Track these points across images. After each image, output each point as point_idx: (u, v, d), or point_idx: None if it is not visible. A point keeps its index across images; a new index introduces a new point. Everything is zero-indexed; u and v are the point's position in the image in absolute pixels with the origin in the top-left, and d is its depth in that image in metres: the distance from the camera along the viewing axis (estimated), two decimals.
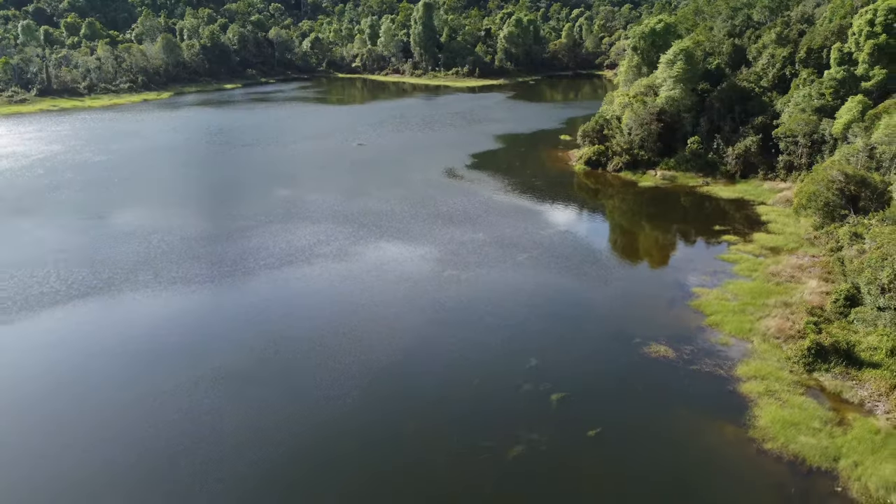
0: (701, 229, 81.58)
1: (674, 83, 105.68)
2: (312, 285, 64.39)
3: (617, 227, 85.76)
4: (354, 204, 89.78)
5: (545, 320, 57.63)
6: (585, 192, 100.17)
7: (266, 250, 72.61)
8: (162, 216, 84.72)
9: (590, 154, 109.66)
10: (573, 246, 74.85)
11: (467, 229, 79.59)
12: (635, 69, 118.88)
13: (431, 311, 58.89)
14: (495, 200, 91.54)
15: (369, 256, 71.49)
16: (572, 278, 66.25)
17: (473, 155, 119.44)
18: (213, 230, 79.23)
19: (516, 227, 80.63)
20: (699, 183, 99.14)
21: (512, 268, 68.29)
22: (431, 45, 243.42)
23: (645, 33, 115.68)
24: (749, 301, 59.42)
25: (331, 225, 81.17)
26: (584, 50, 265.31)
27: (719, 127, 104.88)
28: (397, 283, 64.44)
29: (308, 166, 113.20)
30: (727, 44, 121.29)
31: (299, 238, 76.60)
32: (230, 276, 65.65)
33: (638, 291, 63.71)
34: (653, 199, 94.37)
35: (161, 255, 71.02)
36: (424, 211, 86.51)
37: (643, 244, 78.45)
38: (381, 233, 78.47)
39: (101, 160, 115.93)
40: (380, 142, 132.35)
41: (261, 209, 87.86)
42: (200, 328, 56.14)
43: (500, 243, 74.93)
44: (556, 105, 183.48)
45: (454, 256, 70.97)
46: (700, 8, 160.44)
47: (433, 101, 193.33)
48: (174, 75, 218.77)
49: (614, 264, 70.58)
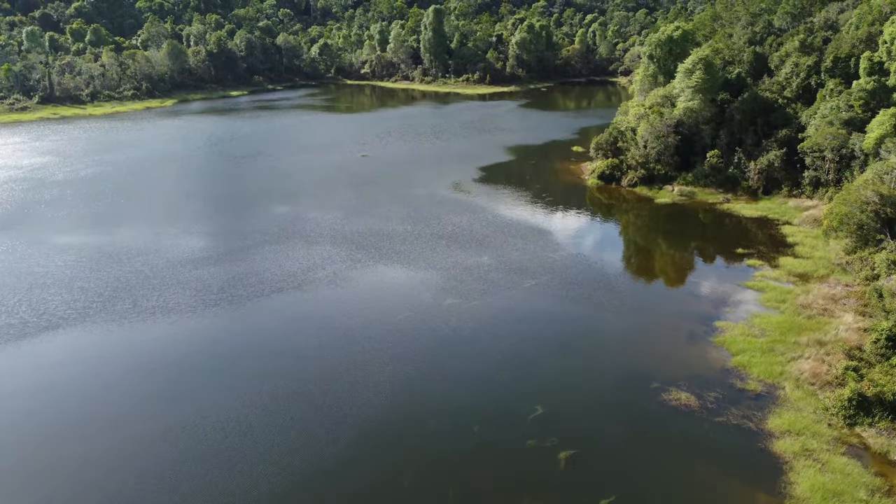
0: (722, 252, 76.27)
1: (692, 93, 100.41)
2: (302, 317, 59.61)
3: (632, 248, 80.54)
4: (354, 222, 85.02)
5: (553, 357, 52.58)
6: (598, 208, 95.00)
7: (256, 275, 67.91)
8: (150, 236, 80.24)
9: (603, 168, 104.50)
10: (585, 270, 69.75)
11: (472, 252, 74.63)
12: (651, 78, 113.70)
13: (430, 347, 53.97)
14: (503, 218, 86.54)
15: (366, 283, 66.65)
16: (583, 308, 61.16)
17: (482, 168, 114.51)
18: (202, 252, 74.65)
19: (524, 249, 75.61)
20: (719, 199, 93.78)
21: (519, 296, 63.27)
22: (441, 51, 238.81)
23: (661, 41, 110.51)
24: (778, 338, 54.12)
25: (328, 246, 76.41)
26: (597, 56, 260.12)
27: (740, 140, 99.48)
28: (394, 313, 59.56)
29: (309, 180, 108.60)
30: (748, 52, 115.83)
31: (293, 261, 71.88)
32: (214, 306, 60.92)
33: (655, 323, 58.52)
34: (670, 217, 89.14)
35: (143, 280, 66.44)
36: (428, 230, 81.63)
37: (660, 268, 73.19)
38: (380, 255, 73.64)
39: (92, 173, 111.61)
40: (385, 153, 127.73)
41: (256, 227, 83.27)
42: (174, 367, 51.38)
43: (506, 268, 69.95)
44: (569, 114, 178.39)
45: (457, 283, 66.02)
46: (718, 14, 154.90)
47: (442, 109, 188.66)
48: (179, 82, 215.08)
49: (629, 291, 65.40)
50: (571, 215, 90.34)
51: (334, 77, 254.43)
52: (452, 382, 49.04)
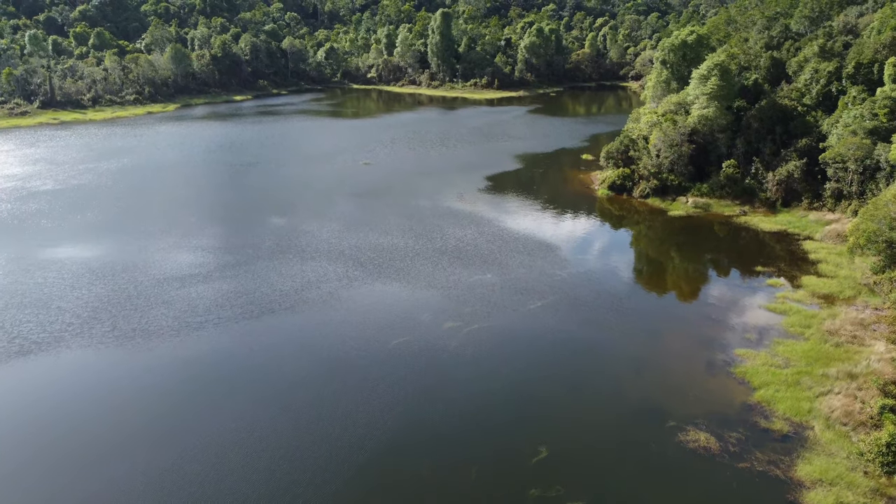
0: (741, 269, 72.04)
1: (707, 100, 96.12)
2: (291, 342, 55.74)
3: (644, 265, 76.34)
4: (353, 236, 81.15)
5: (559, 389, 48.59)
6: (608, 221, 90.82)
7: (246, 295, 64.11)
8: (137, 250, 76.52)
9: (614, 178, 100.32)
10: (593, 290, 65.67)
11: (475, 268, 70.66)
12: (664, 84, 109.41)
13: (427, 377, 50.05)
14: (509, 232, 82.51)
15: (361, 303, 62.73)
16: (592, 332, 57.10)
17: (488, 177, 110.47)
18: (191, 268, 70.90)
19: (530, 265, 71.58)
20: (736, 212, 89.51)
21: (523, 319, 59.26)
22: (449, 55, 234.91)
23: (675, 46, 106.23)
24: (804, 369, 49.90)
25: (324, 262, 72.55)
26: (607, 60, 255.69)
27: (758, 149, 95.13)
28: (390, 337, 55.65)
29: (308, 189, 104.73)
30: (765, 57, 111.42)
31: (286, 279, 68.06)
32: (198, 329, 57.13)
33: (670, 351, 54.37)
34: (684, 231, 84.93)
35: (126, 300, 62.70)
36: (430, 245, 77.68)
37: (674, 288, 68.94)
38: (379, 273, 69.74)
39: (83, 182, 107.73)
40: (388, 161, 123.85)
41: (249, 241, 79.48)
42: (150, 403, 47.56)
43: (511, 286, 65.94)
44: (579, 120, 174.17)
45: (458, 304, 62.05)
46: (732, 17, 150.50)
47: (449, 114, 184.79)
48: (183, 86, 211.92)
49: (641, 313, 61.26)
50: (580, 229, 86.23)
51: (340, 81, 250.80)
52: (450, 418, 45.09)
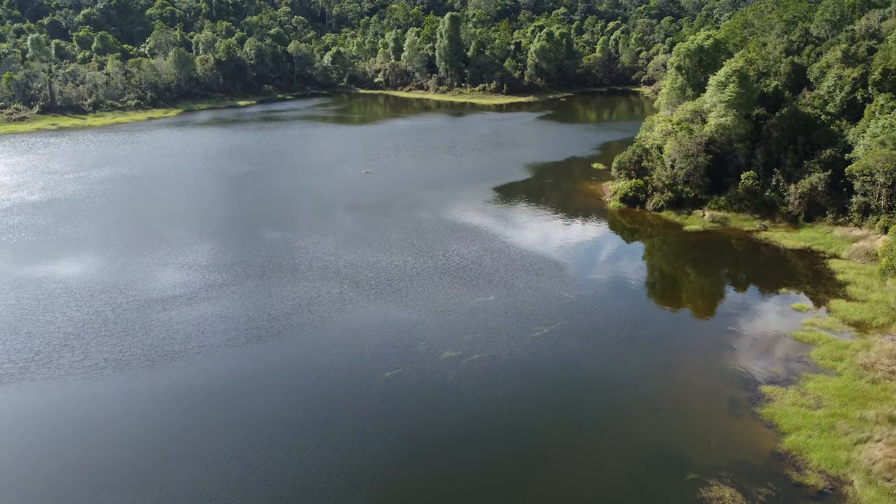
0: (763, 291, 67.21)
1: (725, 108, 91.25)
2: (276, 374, 51.31)
3: (658, 286, 71.50)
4: (350, 253, 76.66)
5: (566, 431, 44.06)
6: (620, 236, 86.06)
7: (232, 319, 59.75)
8: (120, 268, 72.20)
9: (626, 189, 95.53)
10: (604, 315, 61.00)
11: (478, 289, 66.09)
12: (679, 91, 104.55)
13: (421, 416, 45.63)
14: (515, 249, 77.87)
15: (354, 330, 58.28)
16: (603, 364, 52.46)
17: (495, 188, 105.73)
18: (175, 288, 66.58)
19: (537, 286, 66.95)
20: (755, 227, 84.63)
21: (528, 348, 54.65)
22: (457, 59, 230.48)
23: (691, 51, 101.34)
24: (839, 410, 45.08)
25: (317, 283, 68.12)
26: (619, 65, 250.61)
27: (778, 160, 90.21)
28: (383, 368, 51.20)
29: (306, 201, 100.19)
30: (785, 62, 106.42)
31: (276, 301, 63.67)
32: (176, 360, 52.78)
33: (689, 387, 49.64)
34: (701, 248, 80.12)
35: (102, 325, 58.41)
36: (431, 263, 73.13)
37: (692, 313, 64.03)
38: (375, 294, 65.25)
39: (72, 192, 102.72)
40: (392, 170, 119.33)
41: (240, 258, 75.11)
42: (117, 447, 43.22)
43: (515, 310, 61.36)
44: (589, 127, 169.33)
45: (458, 330, 57.51)
46: (749, 21, 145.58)
47: (456, 121, 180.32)
48: (186, 91, 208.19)
49: (656, 342, 56.56)
50: (590, 245, 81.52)
51: (347, 86, 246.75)
52: (445, 463, 40.65)
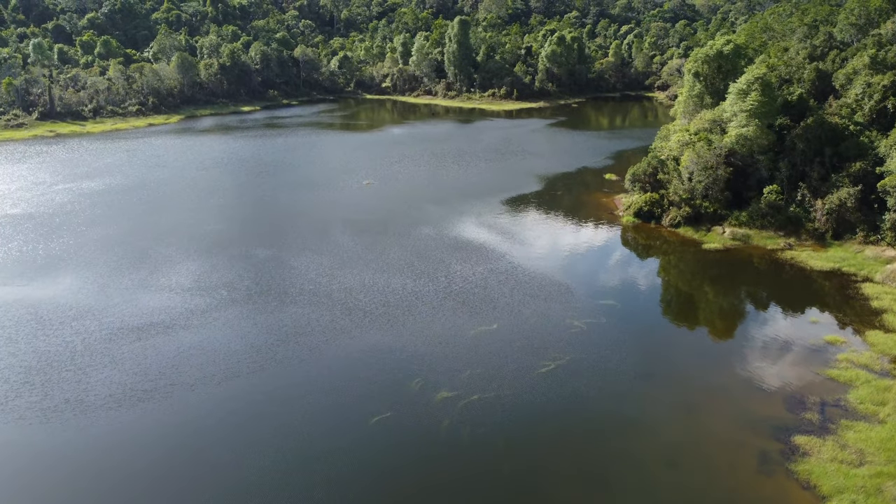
0: (791, 320, 61.74)
1: (747, 118, 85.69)
2: (253, 418, 46.25)
3: (675, 313, 66.10)
4: (345, 274, 71.56)
5: (574, 492, 38.75)
6: (634, 255, 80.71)
7: (211, 351, 54.81)
8: (96, 291, 67.20)
9: (641, 203, 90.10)
10: (616, 347, 55.71)
11: (480, 317, 60.92)
12: (696, 99, 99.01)
13: (411, 470, 40.51)
14: (522, 270, 72.56)
15: (344, 364, 53.27)
16: (615, 407, 47.22)
17: (504, 202, 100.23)
18: (153, 314, 61.67)
19: (545, 313, 61.72)
20: (780, 245, 79.10)
21: (532, 387, 49.43)
22: (466, 64, 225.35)
23: (709, 56, 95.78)
24: (885, 469, 39.64)
25: (306, 308, 63.07)
26: (632, 69, 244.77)
27: (804, 173, 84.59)
28: (371, 411, 46.16)
29: (302, 215, 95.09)
30: (809, 69, 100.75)
31: (260, 330, 58.71)
32: (145, 400, 47.83)
33: (712, 435, 44.27)
34: (721, 269, 74.69)
35: (68, 358, 53.56)
36: (431, 287, 67.92)
37: (713, 345, 58.54)
38: (368, 323, 60.16)
39: (58, 204, 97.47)
40: (395, 181, 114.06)
41: (226, 279, 70.11)
42: (66, 496, 38.32)
43: (520, 341, 56.18)
44: (601, 134, 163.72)
45: (456, 365, 52.36)
46: (769, 25, 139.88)
47: (464, 128, 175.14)
48: (189, 97, 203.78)
49: (674, 380, 51.27)
50: (602, 265, 76.19)
51: (354, 91, 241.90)
52: None
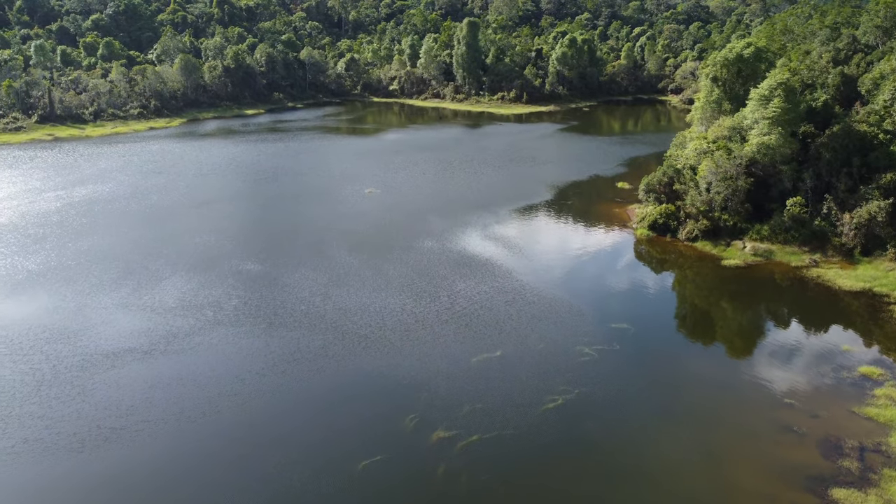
0: (821, 348, 56.77)
1: (769, 126, 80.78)
2: (226, 465, 41.76)
3: (693, 339, 61.19)
4: (340, 293, 67.01)
5: None
6: (648, 272, 75.90)
7: (190, 382, 50.43)
8: (74, 310, 62.81)
9: (655, 216, 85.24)
10: (630, 378, 51.05)
11: (484, 342, 56.33)
12: (715, 105, 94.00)
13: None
14: (530, 290, 67.74)
15: (331, 399, 48.87)
16: (629, 451, 42.61)
17: (512, 212, 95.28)
18: (131, 338, 57.35)
19: (553, 338, 57.07)
20: (805, 262, 74.12)
21: (538, 426, 44.81)
22: (475, 66, 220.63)
23: (728, 60, 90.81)
24: None
25: (297, 332, 58.57)
26: (645, 72, 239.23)
27: (830, 185, 79.60)
28: (359, 454, 41.65)
29: (299, 226, 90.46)
30: (833, 73, 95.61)
31: (245, 357, 54.31)
32: (112, 440, 43.42)
33: (737, 489, 39.48)
34: (742, 287, 69.86)
35: (34, 389, 49.20)
36: (433, 308, 63.24)
37: (737, 378, 53.43)
38: (363, 349, 55.63)
39: (43, 213, 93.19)
40: (399, 190, 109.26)
41: (212, 298, 65.59)
42: None
43: (525, 371, 51.60)
44: (613, 139, 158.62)
45: (455, 400, 47.81)
46: (789, 27, 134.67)
47: (472, 133, 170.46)
48: (193, 99, 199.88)
49: (694, 420, 46.49)
50: (614, 283, 71.35)
51: (360, 94, 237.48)
52: None
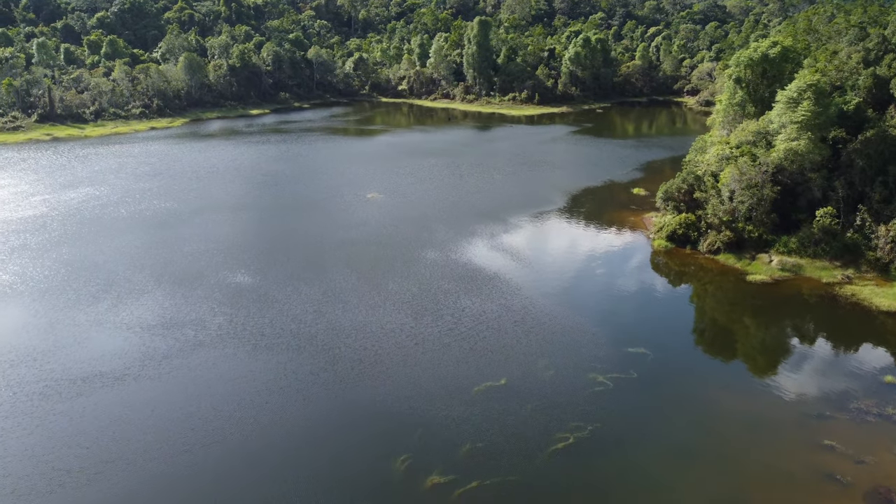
0: (861, 378, 51.21)
1: (798, 130, 75.24)
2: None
3: (718, 365, 55.68)
4: (333, 311, 61.75)
5: None
6: (667, 287, 70.55)
7: (161, 415, 45.51)
8: (45, 328, 58.05)
9: (674, 226, 79.76)
10: (647, 412, 45.89)
11: (488, 368, 51.18)
12: (738, 108, 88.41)
13: None
14: (540, 308, 62.36)
15: (315, 435, 43.84)
16: (645, 498, 37.19)
17: (521, 220, 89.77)
18: (104, 360, 52.51)
19: (564, 363, 51.84)
20: (837, 278, 68.52)
21: (544, 471, 39.61)
22: (486, 66, 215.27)
23: (753, 60, 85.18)
24: None
25: (284, 355, 53.50)
26: (660, 73, 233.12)
27: (863, 194, 73.99)
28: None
29: (294, 235, 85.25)
30: (865, 75, 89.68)
31: (225, 384, 49.36)
32: (65, 486, 38.45)
33: None
34: (770, 306, 64.38)
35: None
36: (434, 329, 58.00)
37: (767, 411, 47.78)
38: (355, 376, 50.57)
39: (26, 219, 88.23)
40: (403, 194, 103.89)
41: (196, 315, 60.57)
42: None
43: (532, 403, 46.44)
44: (628, 143, 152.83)
45: (452, 436, 42.73)
46: (813, 26, 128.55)
47: (481, 135, 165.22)
48: (197, 99, 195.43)
49: (721, 461, 41.17)
50: (630, 301, 65.89)
51: (369, 94, 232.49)
52: None
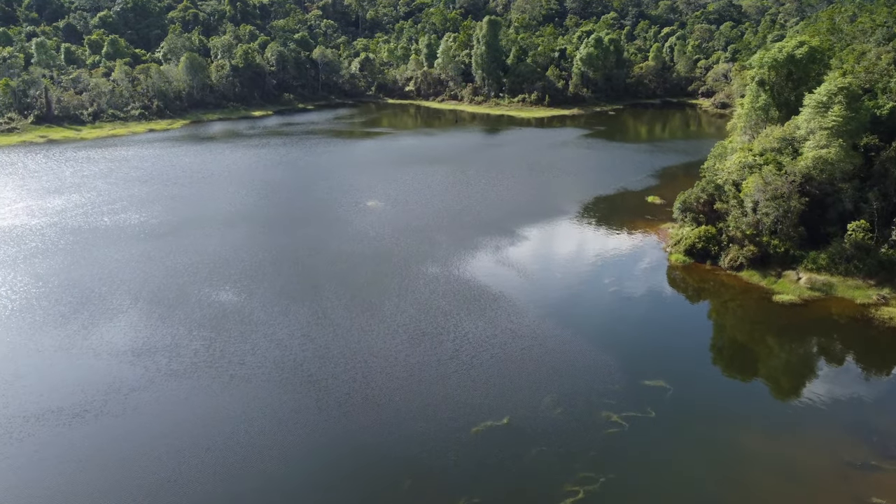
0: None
1: (828, 137, 69.64)
2: None
3: (746, 402, 49.95)
4: (322, 336, 56.56)
5: None
6: (687, 308, 65.18)
7: (124, 456, 40.65)
8: (4, 354, 53.45)
9: (693, 239, 74.21)
10: (668, 458, 40.68)
11: (489, 405, 45.97)
12: (761, 112, 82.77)
13: None
14: (549, 334, 56.98)
15: (289, 490, 38.49)
16: None
17: (529, 232, 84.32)
18: (64, 394, 47.60)
19: (573, 400, 46.53)
20: (872, 298, 62.89)
21: None
22: (495, 67, 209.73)
23: (778, 61, 79.54)
24: None
25: (262, 389, 48.33)
26: (674, 74, 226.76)
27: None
28: None
29: (287, 247, 79.81)
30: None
31: (197, 421, 44.48)
32: None
33: None
34: (801, 331, 58.88)
35: None
36: (431, 356, 52.76)
37: (802, 458, 42.35)
38: (339, 415, 45.44)
39: (5, 230, 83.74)
40: (405, 203, 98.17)
41: (170, 340, 55.40)
42: None
43: (536, 447, 41.25)
44: (641, 147, 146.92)
45: (445, 488, 37.76)
46: (837, 26, 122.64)
47: (490, 138, 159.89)
48: (199, 100, 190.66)
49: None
50: (646, 325, 60.36)
51: (375, 95, 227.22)
52: None
